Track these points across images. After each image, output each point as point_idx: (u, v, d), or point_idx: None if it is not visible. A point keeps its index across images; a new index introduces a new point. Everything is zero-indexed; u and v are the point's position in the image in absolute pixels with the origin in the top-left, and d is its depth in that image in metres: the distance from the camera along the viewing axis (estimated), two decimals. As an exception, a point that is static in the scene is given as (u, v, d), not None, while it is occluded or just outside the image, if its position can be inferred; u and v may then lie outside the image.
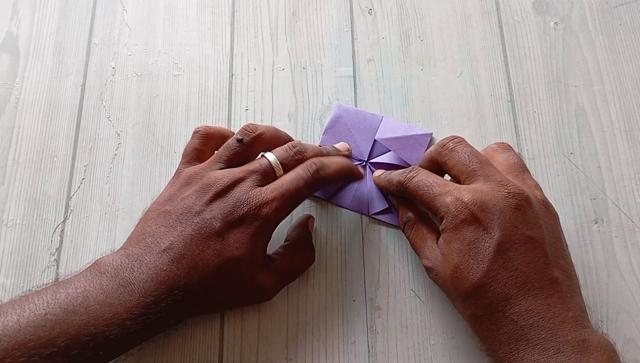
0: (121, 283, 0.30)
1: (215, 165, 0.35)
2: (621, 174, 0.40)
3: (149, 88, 0.44)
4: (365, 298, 0.37)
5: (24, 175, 0.42)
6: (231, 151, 0.35)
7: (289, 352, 0.36)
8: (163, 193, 0.35)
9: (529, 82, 0.43)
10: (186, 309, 0.33)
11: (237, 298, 0.35)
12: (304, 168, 0.34)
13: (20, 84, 0.45)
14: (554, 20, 0.45)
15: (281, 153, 0.35)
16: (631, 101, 0.42)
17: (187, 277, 0.31)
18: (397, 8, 0.46)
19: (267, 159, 0.35)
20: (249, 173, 0.34)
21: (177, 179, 0.35)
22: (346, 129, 0.41)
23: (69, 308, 0.29)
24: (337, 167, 0.36)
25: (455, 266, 0.30)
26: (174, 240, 0.32)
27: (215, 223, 0.32)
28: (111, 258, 0.32)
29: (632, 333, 0.35)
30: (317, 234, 0.39)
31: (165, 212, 0.33)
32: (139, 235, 0.33)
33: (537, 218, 0.30)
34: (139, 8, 0.47)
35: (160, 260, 0.31)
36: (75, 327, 0.29)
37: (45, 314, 0.29)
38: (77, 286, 0.30)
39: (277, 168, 0.35)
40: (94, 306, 0.29)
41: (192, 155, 0.36)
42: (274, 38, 0.45)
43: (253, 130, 0.35)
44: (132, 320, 0.30)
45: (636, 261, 0.37)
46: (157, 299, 0.30)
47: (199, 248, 0.32)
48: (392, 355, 0.36)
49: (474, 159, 0.32)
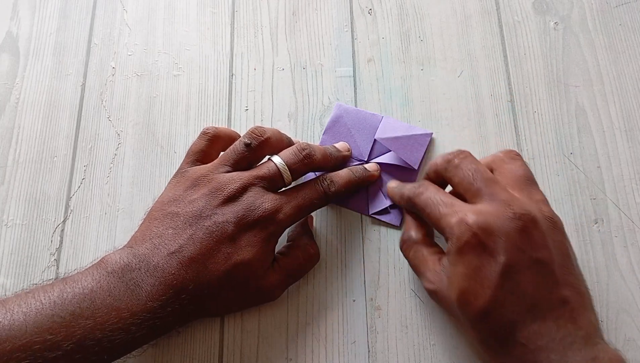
0: (129, 286, 0.30)
1: (222, 168, 0.35)
2: (621, 174, 0.40)
3: (149, 88, 0.44)
4: (365, 298, 0.37)
5: (24, 175, 0.42)
6: (238, 155, 0.35)
7: (289, 352, 0.36)
8: (166, 192, 0.35)
9: (529, 82, 0.43)
10: (193, 313, 0.33)
11: (244, 300, 0.35)
12: (317, 182, 0.36)
13: (20, 84, 0.45)
14: (554, 20, 0.45)
15: (290, 156, 0.35)
16: (631, 101, 0.42)
17: (195, 281, 0.31)
18: (397, 8, 0.46)
19: (275, 163, 0.35)
20: (258, 178, 0.34)
21: (182, 179, 0.35)
22: (346, 129, 0.41)
23: (76, 311, 0.29)
24: (344, 182, 0.37)
25: (461, 291, 0.29)
26: (184, 243, 0.32)
27: (228, 226, 0.32)
28: (118, 256, 0.31)
29: (632, 333, 0.35)
30: (317, 234, 0.39)
31: (173, 214, 0.33)
32: (145, 235, 0.33)
33: (544, 238, 0.29)
34: (139, 8, 0.47)
35: (169, 263, 0.31)
36: (81, 331, 0.28)
37: (52, 315, 0.29)
38: (84, 286, 0.30)
39: (284, 173, 0.35)
40: (101, 310, 0.29)
41: (197, 155, 0.36)
42: (274, 38, 0.45)
43: (261, 134, 0.35)
44: (137, 325, 0.30)
45: (636, 261, 0.37)
46: (164, 303, 0.30)
47: (210, 252, 0.32)
48: (392, 355, 0.36)
49: (478, 177, 0.31)
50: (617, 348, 0.33)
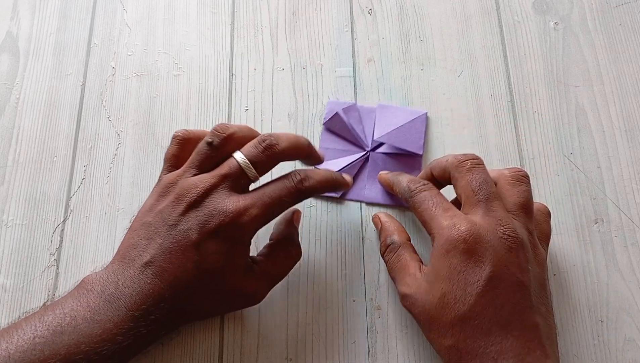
0: (107, 299, 0.30)
1: (188, 171, 0.33)
2: (621, 174, 0.40)
3: (149, 88, 0.44)
4: (365, 298, 0.37)
5: (24, 175, 0.42)
6: (202, 156, 0.33)
7: (289, 352, 0.36)
8: (146, 202, 0.34)
9: (529, 82, 0.43)
10: (176, 320, 0.32)
11: (225, 305, 0.34)
12: (288, 177, 0.33)
13: (20, 84, 0.45)
14: (554, 20, 0.45)
15: (250, 150, 0.33)
16: (631, 101, 0.42)
17: (170, 290, 0.31)
18: (397, 8, 0.46)
19: (236, 159, 0.33)
20: (221, 178, 0.32)
21: (156, 188, 0.34)
22: (343, 124, 0.41)
23: (57, 329, 0.29)
24: (321, 178, 0.34)
25: (442, 294, 0.30)
26: (155, 253, 0.31)
27: (192, 234, 0.31)
28: (97, 275, 0.32)
29: (632, 333, 0.35)
30: (317, 234, 0.39)
31: (146, 224, 0.33)
32: (125, 248, 0.33)
33: (527, 264, 0.30)
34: (139, 8, 0.47)
35: (144, 273, 0.31)
36: (65, 347, 0.29)
37: (34, 338, 0.29)
38: (64, 306, 0.30)
39: (246, 168, 0.32)
40: (82, 325, 0.29)
41: (170, 161, 0.35)
42: (274, 38, 0.45)
43: (223, 130, 0.33)
44: (123, 334, 0.30)
45: (636, 261, 0.37)
46: (145, 312, 0.30)
47: (179, 261, 0.31)
48: (392, 355, 0.36)
49: (483, 190, 0.31)
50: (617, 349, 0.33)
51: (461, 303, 0.29)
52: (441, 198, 0.33)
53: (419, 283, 0.32)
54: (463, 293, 0.29)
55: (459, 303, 0.29)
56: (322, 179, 0.34)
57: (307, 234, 0.39)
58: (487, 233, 0.30)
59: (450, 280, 0.29)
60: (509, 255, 0.29)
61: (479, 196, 0.31)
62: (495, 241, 0.29)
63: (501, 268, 0.29)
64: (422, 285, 0.31)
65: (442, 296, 0.30)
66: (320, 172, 0.35)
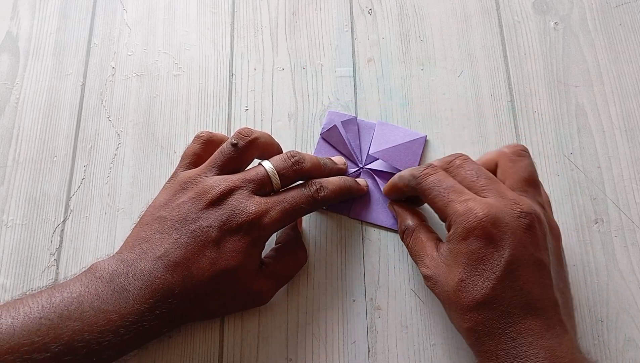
0: (116, 289, 0.30)
1: (210, 170, 0.34)
2: (621, 174, 0.40)
3: (149, 88, 0.44)
4: (365, 298, 0.37)
5: (24, 175, 0.42)
6: (225, 156, 0.34)
7: (289, 352, 0.36)
8: (158, 197, 0.35)
9: (529, 82, 0.43)
10: (181, 317, 0.33)
11: (233, 305, 0.35)
12: (306, 186, 0.35)
13: (20, 84, 0.45)
14: (554, 20, 0.45)
15: (279, 162, 0.35)
16: (631, 101, 0.42)
17: (181, 285, 0.31)
18: (397, 8, 0.46)
19: (264, 167, 0.34)
20: (246, 181, 0.33)
21: (173, 184, 0.35)
22: (340, 138, 0.41)
23: (64, 313, 0.29)
24: (335, 188, 0.36)
25: (461, 279, 0.30)
26: (169, 247, 0.31)
27: (212, 231, 0.32)
28: (107, 263, 0.31)
29: (632, 333, 0.35)
30: (317, 234, 0.39)
31: (161, 218, 0.33)
32: (135, 240, 0.33)
33: (544, 240, 0.30)
34: (139, 8, 0.47)
35: (155, 267, 0.31)
36: (70, 333, 0.29)
37: (40, 318, 0.29)
38: (72, 290, 0.30)
39: (273, 178, 0.34)
40: (89, 312, 0.29)
41: (190, 159, 0.36)
42: (274, 38, 0.45)
43: (248, 134, 0.35)
44: (126, 327, 0.30)
45: (636, 261, 0.37)
46: (152, 307, 0.30)
47: (195, 257, 0.31)
48: (392, 355, 0.36)
49: (481, 175, 0.32)
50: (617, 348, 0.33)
51: (480, 288, 0.29)
52: (450, 181, 0.32)
53: (437, 263, 0.32)
54: (482, 279, 0.29)
55: (478, 288, 0.29)
56: (336, 188, 0.36)
57: (307, 234, 0.39)
58: (504, 215, 0.29)
59: (469, 266, 0.30)
60: (527, 235, 0.29)
61: (480, 182, 0.32)
62: (512, 222, 0.29)
63: (520, 249, 0.29)
64: (440, 266, 0.31)
65: (460, 281, 0.30)
66: (335, 181, 0.36)
